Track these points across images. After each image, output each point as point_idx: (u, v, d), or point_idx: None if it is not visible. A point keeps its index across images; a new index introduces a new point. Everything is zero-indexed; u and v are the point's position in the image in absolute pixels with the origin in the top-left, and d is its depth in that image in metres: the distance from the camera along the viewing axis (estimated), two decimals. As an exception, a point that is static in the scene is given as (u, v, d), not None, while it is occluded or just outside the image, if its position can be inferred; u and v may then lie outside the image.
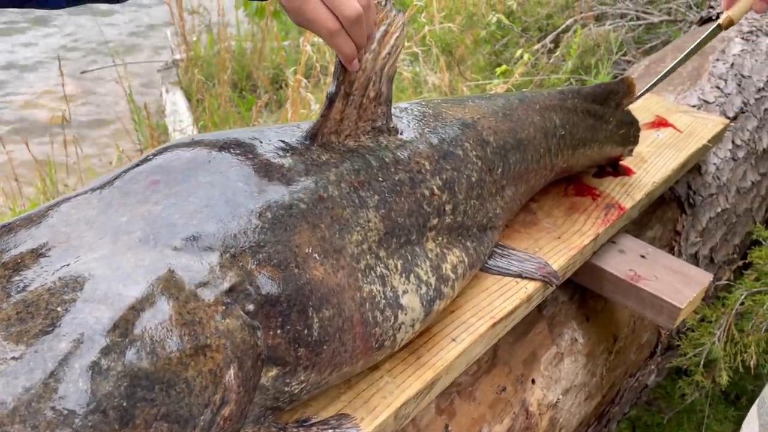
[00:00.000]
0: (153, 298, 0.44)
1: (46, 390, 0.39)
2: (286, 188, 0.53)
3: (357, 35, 0.57)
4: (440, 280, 0.63)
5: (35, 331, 0.41)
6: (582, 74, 2.35)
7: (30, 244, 0.46)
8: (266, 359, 0.49)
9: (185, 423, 0.43)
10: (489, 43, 2.66)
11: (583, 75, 2.34)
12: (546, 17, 2.78)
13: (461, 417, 0.76)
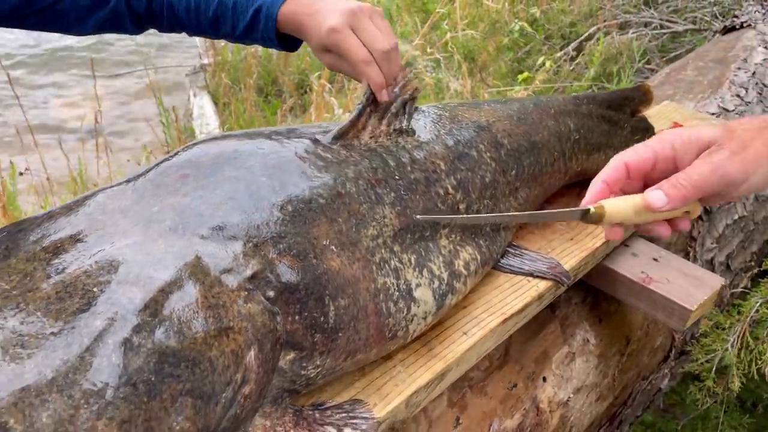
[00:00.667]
0: (181, 281, 0.47)
1: (82, 363, 0.42)
2: (307, 184, 0.57)
3: (386, 68, 0.68)
4: (453, 275, 0.66)
5: (72, 309, 0.44)
6: (604, 82, 2.36)
7: (69, 230, 0.50)
8: (284, 343, 0.52)
9: (208, 399, 0.46)
10: (511, 50, 2.68)
11: (605, 83, 2.35)
12: (569, 25, 2.79)
13: (472, 410, 0.78)
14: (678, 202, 0.56)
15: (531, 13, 2.71)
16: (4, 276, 0.46)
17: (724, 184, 0.55)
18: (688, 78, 1.60)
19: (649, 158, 0.58)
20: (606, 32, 2.63)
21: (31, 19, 0.89)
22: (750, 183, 0.55)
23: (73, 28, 0.92)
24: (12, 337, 0.42)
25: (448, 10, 2.72)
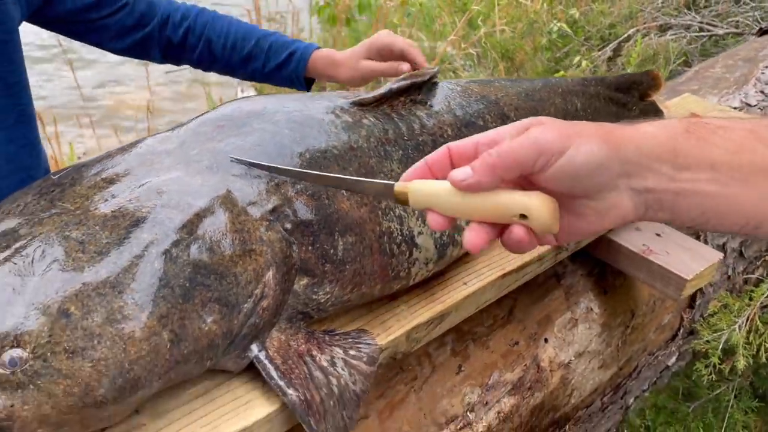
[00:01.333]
0: (213, 209, 0.56)
1: (130, 267, 0.52)
2: (323, 137, 0.65)
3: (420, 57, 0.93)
4: (455, 228, 0.73)
5: (124, 225, 0.54)
6: (639, 82, 2.38)
7: (123, 165, 0.60)
8: (299, 269, 0.60)
9: (232, 308, 0.55)
10: (549, 50, 2.73)
11: (639, 82, 2.37)
12: (609, 27, 2.82)
13: (474, 361, 0.85)
14: (484, 173, 0.46)
15: (570, 14, 2.75)
16: (69, 199, 0.56)
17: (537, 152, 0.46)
18: (716, 75, 1.63)
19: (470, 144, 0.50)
20: (644, 34, 2.65)
21: (78, 27, 1.00)
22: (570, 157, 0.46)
23: (109, 44, 1.04)
24: (74, 245, 0.52)
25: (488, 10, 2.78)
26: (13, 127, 0.89)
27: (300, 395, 0.57)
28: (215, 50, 1.07)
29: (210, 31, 1.06)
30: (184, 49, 1.07)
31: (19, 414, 0.47)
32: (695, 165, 0.46)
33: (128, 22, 1.02)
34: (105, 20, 1.00)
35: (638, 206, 0.48)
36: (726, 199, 0.46)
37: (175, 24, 1.05)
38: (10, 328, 0.48)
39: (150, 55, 1.08)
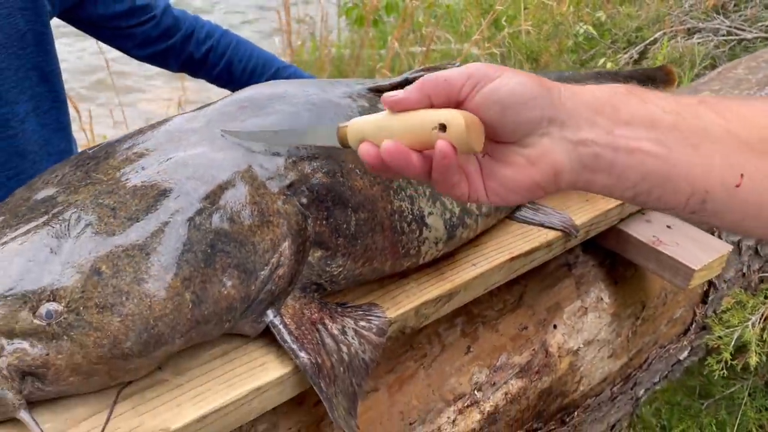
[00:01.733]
0: (235, 182, 0.60)
1: (158, 232, 0.56)
2: (340, 119, 0.69)
3: None
4: (464, 211, 0.76)
5: (152, 194, 0.58)
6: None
7: (152, 141, 0.64)
8: (313, 242, 0.64)
9: (250, 274, 0.59)
10: (575, 52, 2.74)
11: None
12: (635, 30, 2.82)
13: (483, 342, 0.88)
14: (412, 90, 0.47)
15: (596, 17, 2.75)
16: (103, 170, 0.61)
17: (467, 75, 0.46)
18: (738, 76, 1.63)
19: None
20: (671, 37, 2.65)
21: (106, 32, 1.07)
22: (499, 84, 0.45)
23: (132, 51, 1.11)
24: (107, 211, 0.56)
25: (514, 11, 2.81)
26: (47, 113, 0.95)
27: (311, 359, 0.61)
28: (234, 72, 1.14)
29: (232, 54, 1.14)
30: (203, 65, 1.15)
31: (53, 362, 0.52)
32: (635, 121, 0.44)
33: (153, 33, 1.09)
34: (132, 29, 1.07)
35: (573, 161, 0.45)
36: (668, 163, 0.43)
37: (199, 41, 1.12)
38: (47, 284, 0.52)
39: (168, 65, 1.16)
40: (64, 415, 0.54)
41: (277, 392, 0.62)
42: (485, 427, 0.86)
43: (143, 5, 1.06)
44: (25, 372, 0.51)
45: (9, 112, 0.89)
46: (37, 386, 0.52)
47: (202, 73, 1.19)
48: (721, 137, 0.43)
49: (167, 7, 1.11)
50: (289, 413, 0.70)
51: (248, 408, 0.60)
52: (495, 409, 0.87)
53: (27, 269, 0.53)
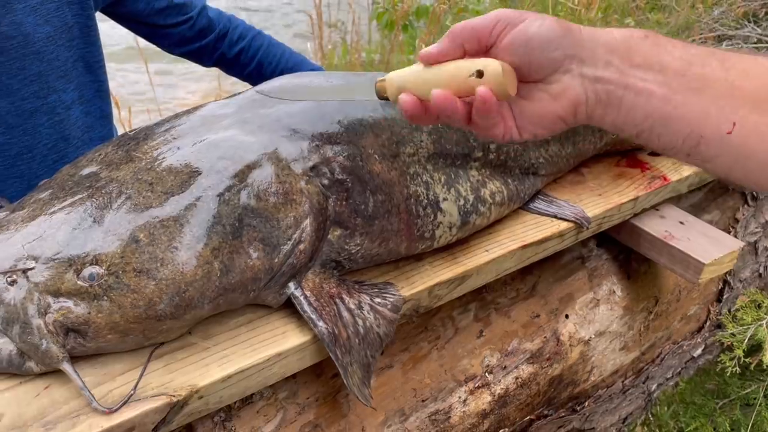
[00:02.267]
0: (262, 162, 0.65)
1: (190, 205, 0.61)
2: (361, 108, 0.74)
3: None
4: (478, 199, 0.80)
5: (187, 171, 0.63)
6: (690, 90, 2.38)
7: (188, 125, 0.69)
8: (333, 221, 0.69)
9: (273, 248, 0.64)
10: (602, 58, 2.74)
11: (691, 91, 2.37)
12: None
13: (496, 328, 0.92)
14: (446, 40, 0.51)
15: (625, 23, 2.76)
16: (142, 150, 0.66)
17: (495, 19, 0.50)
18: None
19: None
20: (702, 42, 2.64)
21: (144, 28, 1.14)
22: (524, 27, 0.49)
23: (168, 47, 1.19)
24: (145, 186, 0.62)
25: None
26: (91, 102, 1.01)
27: (329, 328, 0.65)
28: (265, 73, 1.20)
29: (263, 55, 1.20)
30: (235, 64, 1.22)
31: (93, 320, 0.57)
32: (646, 65, 0.48)
33: (188, 34, 1.16)
34: (169, 29, 1.14)
35: (589, 96, 0.50)
36: (670, 105, 0.47)
37: (232, 42, 1.19)
38: (90, 249, 0.58)
39: (202, 62, 1.23)
40: (101, 370, 0.60)
41: (297, 359, 0.66)
42: (496, 409, 0.89)
43: (181, 4, 1.12)
44: (69, 328, 0.57)
45: (56, 100, 0.96)
46: (79, 342, 0.58)
47: (234, 71, 1.26)
48: (722, 87, 0.47)
49: (203, 8, 1.18)
50: (308, 383, 0.75)
51: (269, 372, 0.64)
52: (505, 392, 0.90)
53: (73, 236, 0.58)
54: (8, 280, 0.57)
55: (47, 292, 0.56)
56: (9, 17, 0.89)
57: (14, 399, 0.56)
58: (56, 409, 0.56)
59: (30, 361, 0.57)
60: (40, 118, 0.96)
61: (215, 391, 0.61)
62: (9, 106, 0.93)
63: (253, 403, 0.71)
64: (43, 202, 0.63)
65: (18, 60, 0.91)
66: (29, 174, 0.97)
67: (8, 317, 0.56)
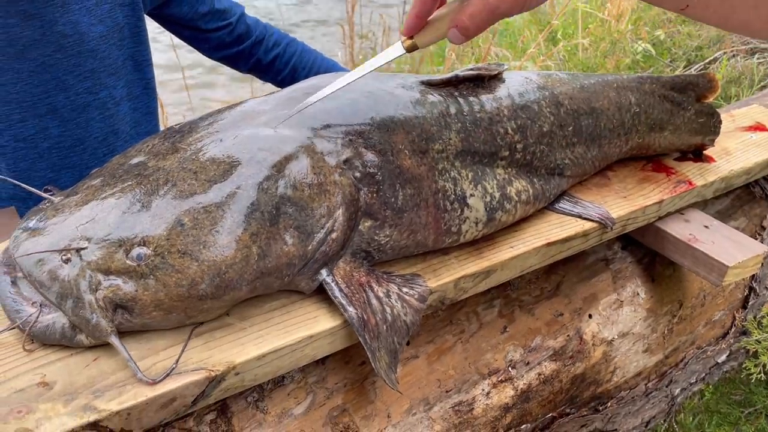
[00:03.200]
0: (298, 155, 0.69)
1: (232, 193, 0.65)
2: (393, 105, 0.77)
3: None
4: (504, 197, 0.83)
5: (229, 161, 0.67)
6: (721, 102, 2.37)
7: (230, 119, 0.74)
8: (364, 212, 0.72)
9: (307, 235, 0.68)
10: (632, 69, 2.75)
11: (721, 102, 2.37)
12: (695, 49, 2.81)
13: (519, 324, 0.94)
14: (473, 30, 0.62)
15: (655, 36, 2.77)
16: (186, 142, 0.71)
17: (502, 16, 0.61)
18: (794, 91, 1.64)
19: None
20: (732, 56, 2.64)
21: (186, 31, 1.20)
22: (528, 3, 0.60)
23: (206, 52, 1.26)
24: (190, 174, 0.66)
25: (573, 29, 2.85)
26: (138, 98, 1.07)
27: (358, 314, 0.68)
28: (298, 78, 1.27)
29: (297, 61, 1.26)
30: (270, 70, 1.28)
31: (140, 297, 0.61)
32: None
33: (227, 39, 1.23)
34: (209, 33, 1.21)
35: None
36: None
37: (267, 48, 1.26)
38: (138, 231, 0.62)
39: (238, 67, 1.30)
40: (146, 345, 0.64)
41: (328, 342, 0.70)
42: (518, 403, 0.91)
43: (222, 9, 1.19)
44: (117, 304, 0.61)
45: (107, 96, 1.02)
46: (126, 318, 0.62)
47: (268, 77, 1.32)
48: None
49: (242, 15, 1.24)
50: (336, 370, 0.78)
51: (301, 353, 0.68)
52: (528, 387, 0.92)
53: (122, 219, 0.63)
54: (63, 258, 0.61)
55: (98, 270, 0.61)
56: (66, 17, 0.95)
57: (66, 368, 0.60)
58: (104, 379, 0.60)
59: (81, 334, 0.61)
60: (92, 113, 1.02)
61: (250, 369, 0.64)
62: (65, 100, 0.99)
63: (284, 385, 0.75)
64: (95, 188, 0.67)
65: (74, 57, 0.98)
66: (81, 165, 1.04)
67: (62, 292, 0.60)
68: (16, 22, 0.94)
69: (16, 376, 0.59)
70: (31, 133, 1.01)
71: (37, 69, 0.98)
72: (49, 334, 0.61)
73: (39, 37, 0.97)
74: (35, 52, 0.97)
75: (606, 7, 3.03)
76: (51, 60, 0.99)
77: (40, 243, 0.62)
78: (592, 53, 2.71)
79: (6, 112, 0.98)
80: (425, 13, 0.66)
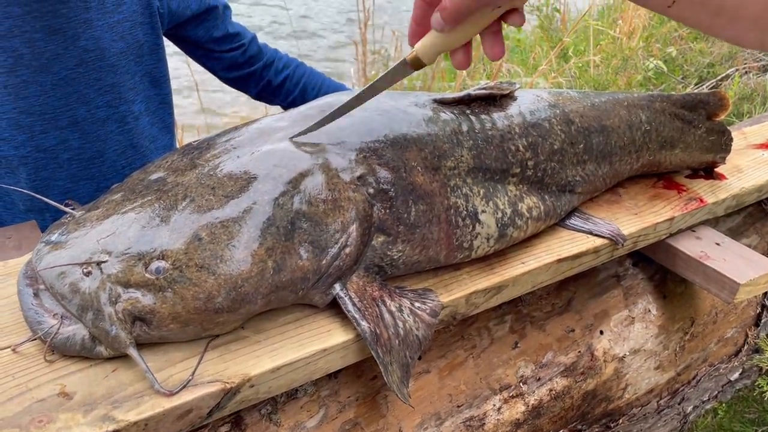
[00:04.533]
0: (313, 171, 0.71)
1: (248, 208, 0.66)
2: (406, 123, 0.79)
3: None
4: (515, 213, 0.84)
5: (245, 177, 0.69)
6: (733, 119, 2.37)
7: (246, 136, 0.75)
8: (377, 228, 0.73)
9: (322, 250, 0.69)
10: (644, 86, 2.76)
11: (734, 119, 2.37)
12: (707, 65, 2.82)
13: (530, 340, 0.94)
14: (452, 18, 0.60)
15: (667, 53, 2.78)
16: (203, 159, 0.72)
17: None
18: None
19: None
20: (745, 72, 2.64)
21: (200, 52, 1.24)
22: None
23: (219, 72, 1.30)
24: (207, 190, 0.68)
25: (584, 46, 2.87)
26: (155, 113, 1.11)
27: (371, 327, 0.69)
28: (307, 99, 1.30)
29: (306, 82, 1.30)
30: (280, 91, 1.31)
31: (158, 310, 0.62)
32: None
33: (240, 59, 1.26)
34: (222, 54, 1.24)
35: None
36: None
37: (278, 70, 1.29)
38: (157, 245, 0.63)
39: (248, 90, 1.33)
40: (163, 357, 0.65)
41: (341, 356, 0.71)
42: (529, 419, 0.92)
43: (235, 33, 1.22)
44: (136, 317, 0.62)
45: (126, 110, 1.05)
46: (144, 330, 0.63)
47: (278, 99, 1.35)
48: None
49: (254, 38, 1.28)
50: (349, 384, 0.79)
51: (314, 366, 0.69)
52: (539, 403, 0.92)
53: (142, 233, 0.64)
54: (84, 271, 0.63)
55: (118, 283, 0.62)
56: (89, 32, 0.99)
57: (85, 379, 0.62)
58: (122, 390, 0.61)
59: (100, 346, 0.63)
60: (112, 126, 1.05)
61: (265, 381, 0.65)
62: (85, 113, 1.02)
63: (297, 398, 0.76)
64: (116, 203, 0.69)
65: (95, 72, 1.01)
66: (99, 177, 1.06)
67: (83, 304, 0.62)
68: (40, 36, 0.97)
69: (37, 386, 0.61)
70: (52, 144, 1.04)
71: (60, 82, 1.01)
72: (69, 345, 0.63)
73: (62, 51, 1.00)
74: (58, 66, 1.01)
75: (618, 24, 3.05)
76: (73, 74, 1.02)
77: (62, 256, 0.64)
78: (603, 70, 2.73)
79: (29, 123, 1.01)
80: (421, 17, 0.65)
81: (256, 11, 5.69)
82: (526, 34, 3.73)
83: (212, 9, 1.17)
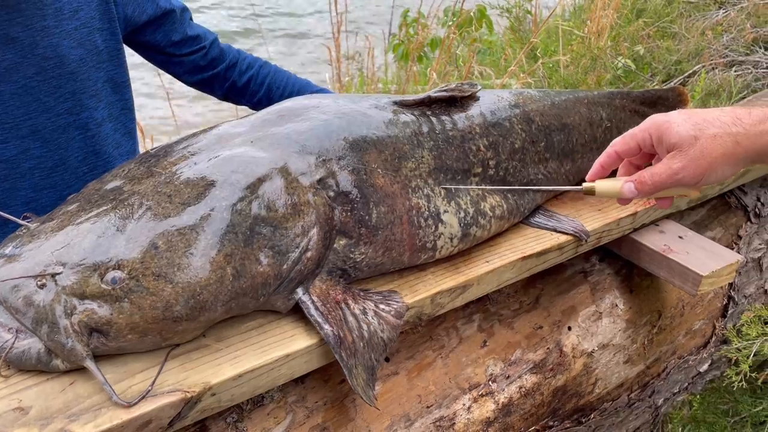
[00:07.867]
0: (272, 175, 0.70)
1: (206, 215, 0.66)
2: (366, 125, 0.79)
3: None
4: (478, 212, 0.84)
5: (203, 184, 0.68)
6: (700, 114, 2.41)
7: (203, 142, 0.75)
8: (339, 231, 0.73)
9: (282, 255, 0.68)
10: (614, 85, 2.79)
11: (701, 115, 2.40)
12: (675, 63, 2.86)
13: (499, 338, 0.95)
14: (644, 194, 0.73)
15: (635, 51, 2.81)
16: (161, 166, 0.72)
17: (679, 184, 0.70)
18: (768, 103, 1.67)
19: (634, 147, 0.75)
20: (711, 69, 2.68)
21: (160, 57, 1.23)
22: (707, 180, 0.69)
23: (183, 76, 1.28)
24: (164, 198, 0.67)
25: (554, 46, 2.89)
26: (118, 119, 1.10)
27: (334, 331, 0.69)
28: (273, 97, 1.28)
29: (271, 81, 1.29)
30: (245, 91, 1.30)
31: (115, 321, 0.62)
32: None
33: (201, 62, 1.25)
34: (182, 57, 1.23)
35: None
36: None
37: (241, 70, 1.28)
38: (113, 255, 0.63)
39: (214, 92, 1.31)
40: (122, 368, 0.64)
41: (304, 361, 0.70)
42: (500, 417, 0.92)
43: (195, 35, 1.21)
44: (93, 328, 0.61)
45: (88, 117, 1.04)
46: (101, 341, 0.62)
47: (245, 99, 1.33)
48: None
49: (215, 40, 1.27)
50: (316, 389, 0.79)
51: (278, 372, 0.68)
52: (509, 401, 0.93)
53: (97, 243, 0.63)
54: (38, 283, 0.62)
55: (73, 295, 0.61)
56: (47, 40, 0.98)
57: (42, 393, 0.61)
58: (80, 403, 0.60)
59: (57, 359, 0.62)
60: (73, 133, 1.04)
61: (227, 389, 0.65)
62: (46, 121, 1.01)
63: (263, 405, 0.75)
64: (71, 213, 0.68)
65: (54, 79, 1.00)
66: (62, 185, 1.05)
67: (38, 317, 0.61)
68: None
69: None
70: (12, 154, 1.02)
71: (19, 91, 1.00)
72: (25, 359, 0.62)
73: (20, 60, 0.99)
74: (16, 75, 0.99)
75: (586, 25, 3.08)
76: (32, 82, 1.00)
77: (16, 269, 0.63)
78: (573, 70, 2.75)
79: None
80: (610, 165, 0.77)
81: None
82: (497, 36, 3.76)
83: (169, 12, 1.16)
